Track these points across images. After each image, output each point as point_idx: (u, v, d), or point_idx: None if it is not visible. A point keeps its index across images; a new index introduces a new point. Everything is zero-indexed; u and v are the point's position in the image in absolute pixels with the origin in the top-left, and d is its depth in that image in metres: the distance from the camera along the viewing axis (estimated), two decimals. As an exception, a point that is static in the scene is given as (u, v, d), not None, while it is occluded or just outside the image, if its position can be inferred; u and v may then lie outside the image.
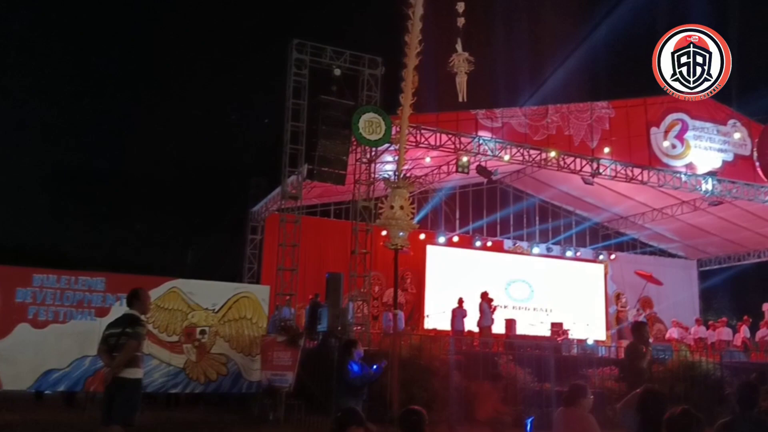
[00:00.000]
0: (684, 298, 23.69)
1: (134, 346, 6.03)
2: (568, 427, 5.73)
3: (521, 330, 18.24)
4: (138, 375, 6.11)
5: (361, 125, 13.92)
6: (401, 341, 11.90)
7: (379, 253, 15.46)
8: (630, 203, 21.82)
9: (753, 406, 4.98)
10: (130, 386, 6.00)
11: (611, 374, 13.43)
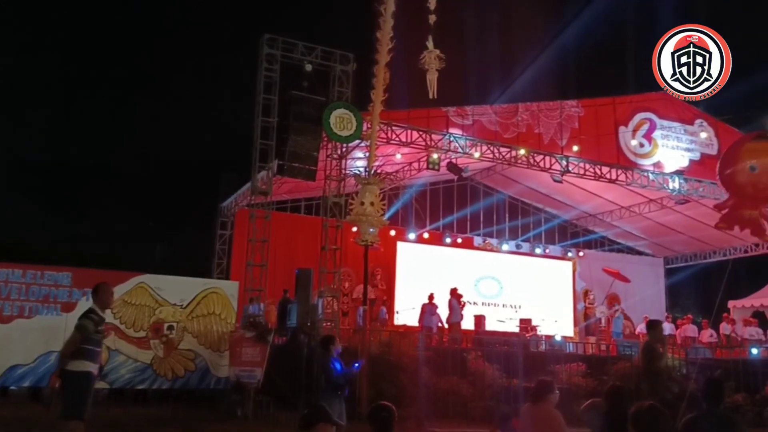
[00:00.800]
0: (651, 295, 24.05)
1: (76, 338, 5.92)
2: (534, 422, 5.77)
3: (490, 326, 18.39)
4: (84, 368, 5.93)
5: (332, 121, 13.85)
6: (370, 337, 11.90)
7: (350, 249, 15.46)
8: (598, 201, 22.09)
9: (718, 403, 5.05)
10: (75, 379, 5.88)
11: (578, 370, 13.62)
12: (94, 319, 6.06)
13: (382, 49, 13.08)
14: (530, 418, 5.81)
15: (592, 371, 13.75)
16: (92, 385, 6.09)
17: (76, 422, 5.87)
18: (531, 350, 15.38)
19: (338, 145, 14.96)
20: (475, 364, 13.28)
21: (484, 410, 11.79)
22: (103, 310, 6.26)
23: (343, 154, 15.23)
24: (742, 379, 14.54)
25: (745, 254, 23.81)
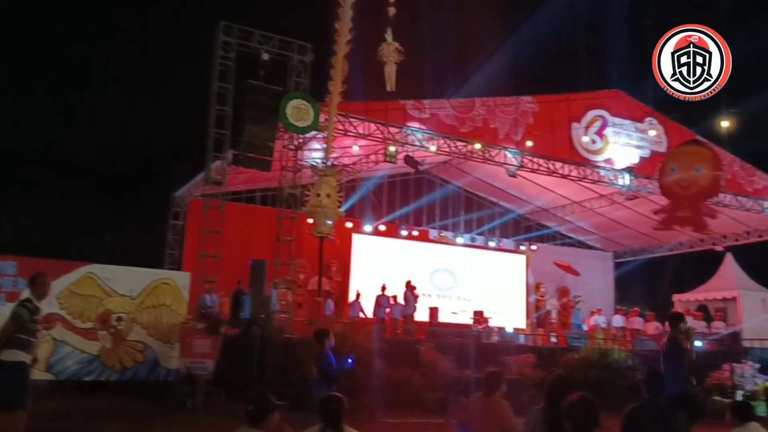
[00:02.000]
0: (600, 289, 24.60)
1: (10, 326, 5.79)
2: (484, 413, 5.84)
3: (444, 318, 18.58)
4: (16, 358, 5.78)
5: (288, 111, 13.75)
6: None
7: (305, 241, 15.39)
8: (551, 196, 22.47)
9: (660, 393, 5.18)
10: (7, 370, 5.74)
11: (528, 361, 13.88)
12: (29, 308, 5.92)
13: (340, 40, 13.05)
14: (480, 408, 5.89)
15: (541, 362, 14.02)
16: (27, 376, 5.94)
17: (21, 412, 5.74)
18: (483, 342, 15.59)
19: (295, 135, 14.86)
20: (427, 355, 13.41)
21: (436, 401, 11.93)
22: (40, 300, 6.12)
23: (299, 145, 15.14)
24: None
25: (690, 249, 24.58)
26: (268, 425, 4.23)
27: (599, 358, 14.46)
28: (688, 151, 15.01)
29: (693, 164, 14.26)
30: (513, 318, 21.12)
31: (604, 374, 13.78)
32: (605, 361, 14.35)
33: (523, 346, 15.83)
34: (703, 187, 14.29)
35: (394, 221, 21.82)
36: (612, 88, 19.82)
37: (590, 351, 14.97)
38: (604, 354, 14.79)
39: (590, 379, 13.17)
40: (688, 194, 14.29)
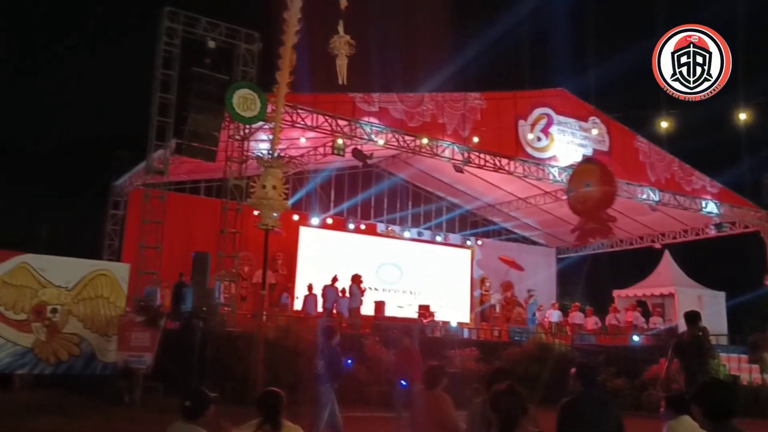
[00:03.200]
0: (543, 284, 25.07)
1: None
2: (426, 407, 5.85)
3: (390, 312, 18.63)
4: None
5: (235, 101, 13.48)
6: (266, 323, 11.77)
7: (251, 233, 15.14)
8: (497, 192, 22.75)
9: (593, 386, 5.26)
10: None
11: (472, 355, 14.03)
12: None
13: (289, 30, 12.84)
14: (422, 402, 5.90)
15: (484, 356, 14.19)
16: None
17: None
18: (427, 336, 15.68)
19: (241, 126, 14.61)
20: (372, 349, 13.42)
21: (380, 395, 11.93)
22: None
23: (245, 135, 14.90)
24: (623, 365, 15.42)
25: (630, 246, 25.26)
26: (206, 420, 4.19)
27: (540, 353, 14.72)
28: (579, 170, 15.90)
29: (583, 181, 15.18)
30: (458, 312, 21.35)
31: (545, 368, 14.02)
32: (546, 355, 14.61)
33: (466, 340, 15.99)
34: (596, 200, 15.15)
35: (341, 214, 21.74)
36: (557, 86, 20.18)
37: (532, 345, 15.23)
38: (545, 348, 15.07)
39: (531, 373, 13.39)
40: (586, 208, 15.25)
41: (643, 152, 20.44)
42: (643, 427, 8.90)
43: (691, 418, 5.17)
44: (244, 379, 10.92)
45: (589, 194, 14.82)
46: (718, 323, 22.20)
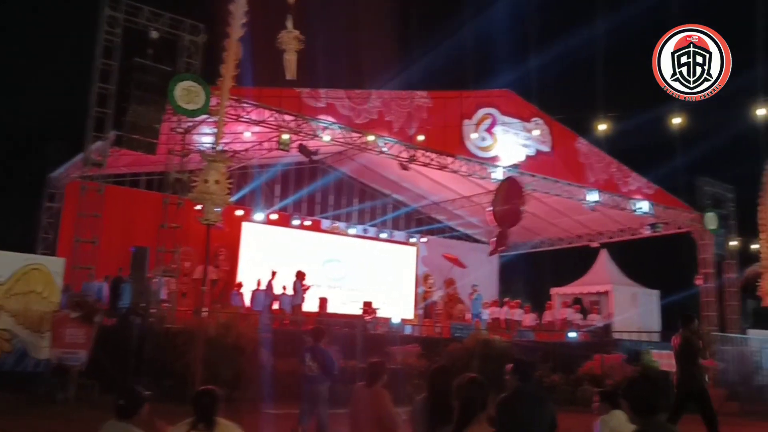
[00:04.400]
0: (485, 281, 25.44)
1: None
2: (365, 403, 5.88)
3: (334, 308, 18.61)
4: None
5: (177, 93, 13.21)
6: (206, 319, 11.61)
7: (192, 228, 14.89)
8: (442, 190, 22.98)
9: (529, 381, 5.38)
10: None
11: (413, 351, 14.16)
12: None
13: (234, 23, 12.67)
14: (361, 398, 5.93)
15: (426, 352, 14.34)
16: None
17: None
18: (370, 332, 15.74)
19: (183, 118, 14.31)
20: (314, 346, 13.35)
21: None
22: None
23: (188, 128, 14.61)
24: (559, 361, 15.82)
25: (569, 245, 25.90)
26: (140, 419, 4.14)
27: (480, 349, 14.96)
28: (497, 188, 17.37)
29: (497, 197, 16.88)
30: (401, 309, 21.48)
31: (485, 364, 14.26)
32: (486, 352, 14.86)
33: (409, 337, 16.13)
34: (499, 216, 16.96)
35: (286, 210, 21.58)
36: (502, 87, 20.50)
37: (472, 341, 15.47)
38: (485, 344, 15.33)
39: (472, 369, 13.59)
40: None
41: (583, 153, 20.95)
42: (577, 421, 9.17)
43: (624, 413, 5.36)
44: (182, 376, 10.75)
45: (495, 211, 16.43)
46: (652, 321, 23.04)
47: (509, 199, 16.47)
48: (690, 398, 8.98)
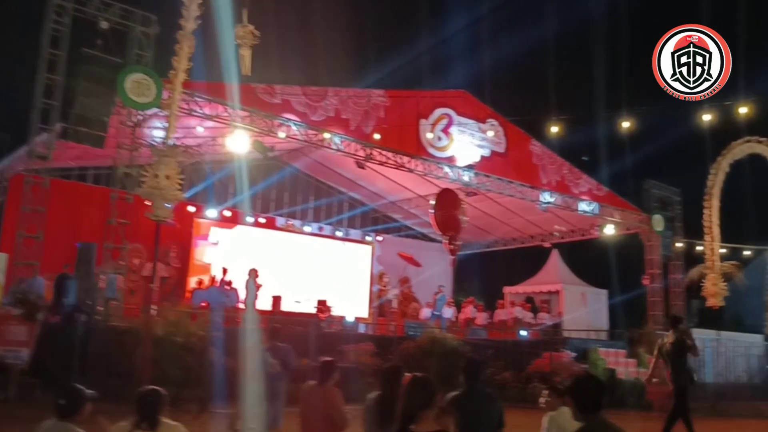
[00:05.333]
0: (440, 279, 25.60)
1: None
2: (316, 402, 5.85)
3: (288, 307, 18.45)
4: None
5: (128, 85, 12.89)
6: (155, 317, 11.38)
7: (143, 225, 14.56)
8: (399, 189, 23.03)
9: (477, 379, 5.43)
10: None
11: (366, 350, 14.15)
12: None
13: (188, 15, 12.45)
14: (312, 397, 5.89)
15: (380, 351, 14.35)
16: None
17: None
18: (324, 331, 15.67)
19: (134, 111, 13.98)
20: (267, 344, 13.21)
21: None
22: None
23: (138, 122, 14.28)
24: (510, 359, 16.03)
25: (522, 245, 26.28)
26: (81, 418, 4.05)
27: (433, 347, 15.05)
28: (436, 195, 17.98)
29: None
30: (356, 307, 21.45)
31: (437, 362, 14.35)
32: (439, 350, 14.96)
33: (362, 335, 16.11)
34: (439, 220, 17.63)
35: (239, 207, 21.30)
36: (458, 88, 20.67)
37: (425, 339, 15.54)
38: (438, 342, 15.42)
39: (425, 367, 13.66)
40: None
41: (537, 155, 21.27)
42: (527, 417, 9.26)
43: None
44: (129, 375, 10.51)
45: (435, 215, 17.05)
46: (600, 320, 23.56)
47: (445, 207, 17.01)
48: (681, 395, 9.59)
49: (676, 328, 9.95)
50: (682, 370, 9.55)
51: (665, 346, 9.75)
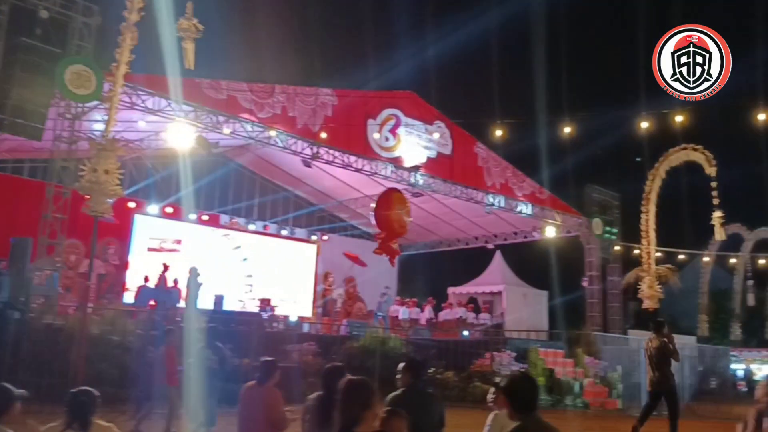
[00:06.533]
0: (385, 279, 25.67)
1: None
2: (254, 402, 5.80)
3: (230, 305, 18.22)
4: None
5: (67, 77, 12.48)
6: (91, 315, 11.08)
7: (80, 220, 14.14)
8: (345, 189, 23.00)
9: (419, 378, 5.47)
10: None
11: (309, 349, 14.10)
12: None
13: (131, 6, 12.14)
14: (250, 397, 5.85)
15: (323, 351, 14.31)
16: None
17: None
18: (266, 330, 15.54)
19: (73, 104, 13.58)
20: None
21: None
22: None
23: (77, 114, 13.87)
24: (452, 358, 16.21)
25: (466, 246, 26.62)
26: (9, 418, 3.94)
27: (377, 347, 15.10)
28: (403, 199, 18.03)
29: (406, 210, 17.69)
30: (300, 306, 21.34)
31: (380, 362, 14.41)
32: (382, 349, 15.02)
33: (306, 335, 16.03)
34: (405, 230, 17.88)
35: (182, 203, 20.87)
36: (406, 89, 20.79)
37: (369, 339, 15.58)
38: (382, 342, 15.48)
39: (368, 367, 13.71)
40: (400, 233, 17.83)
41: (482, 157, 21.59)
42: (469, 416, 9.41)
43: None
44: (63, 374, 10.21)
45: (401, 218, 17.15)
46: (540, 320, 24.05)
47: (385, 207, 17.26)
48: (660, 396, 10.11)
49: (660, 333, 10.42)
50: (669, 373, 10.06)
51: (650, 351, 10.23)
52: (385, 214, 17.16)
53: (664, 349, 10.00)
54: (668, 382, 10.03)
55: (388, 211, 17.23)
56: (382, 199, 17.71)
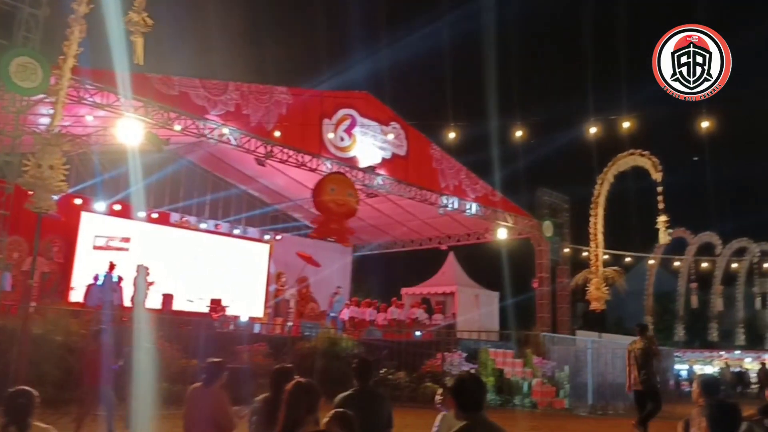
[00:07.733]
0: (339, 280, 25.65)
1: None
2: (200, 404, 5.72)
3: (180, 305, 17.91)
4: None
5: (12, 69, 12.06)
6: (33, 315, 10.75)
7: (23, 217, 13.71)
8: (299, 188, 22.84)
9: (367, 380, 5.47)
10: None
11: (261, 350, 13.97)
12: None
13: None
14: (196, 398, 5.76)
15: (274, 351, 14.19)
16: None
17: None
18: (217, 330, 15.33)
19: (17, 97, 13.13)
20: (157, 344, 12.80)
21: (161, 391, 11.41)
22: None
23: (22, 108, 13.42)
24: (404, 359, 16.27)
25: (420, 247, 26.79)
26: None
27: (328, 347, 15.05)
28: (342, 179, 18.29)
29: (347, 189, 17.86)
30: (252, 307, 21.11)
31: (332, 362, 14.38)
32: (334, 350, 14.98)
33: (257, 335, 15.87)
34: (350, 208, 17.87)
35: (131, 201, 20.37)
36: (362, 89, 20.80)
37: (320, 340, 15.52)
38: (334, 343, 15.44)
39: (318, 368, 13.66)
40: (340, 212, 17.88)
41: (436, 159, 21.75)
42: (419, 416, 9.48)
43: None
44: (4, 375, 9.88)
45: (348, 201, 17.44)
46: (491, 321, 24.37)
47: (318, 194, 17.83)
48: (644, 395, 10.65)
49: (644, 336, 11.07)
50: (652, 372, 10.68)
51: (635, 352, 10.77)
52: (320, 200, 17.38)
53: (648, 350, 10.65)
54: (651, 380, 10.63)
55: (321, 195, 17.46)
56: (316, 186, 17.92)
